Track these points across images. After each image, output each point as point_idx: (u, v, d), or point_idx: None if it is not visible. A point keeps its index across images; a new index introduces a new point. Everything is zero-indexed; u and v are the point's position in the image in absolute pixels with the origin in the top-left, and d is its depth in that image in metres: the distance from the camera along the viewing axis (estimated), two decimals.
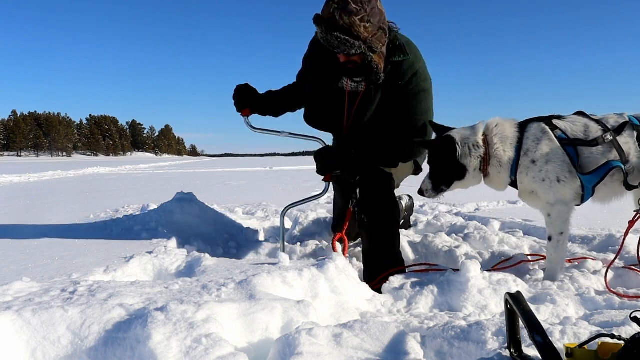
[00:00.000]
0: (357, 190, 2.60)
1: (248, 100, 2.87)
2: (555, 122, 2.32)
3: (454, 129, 2.45)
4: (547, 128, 2.30)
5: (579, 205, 2.35)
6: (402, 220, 3.53)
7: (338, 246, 2.52)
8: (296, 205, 2.94)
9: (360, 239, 3.04)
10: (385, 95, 2.56)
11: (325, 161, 2.66)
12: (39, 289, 1.61)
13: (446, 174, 2.44)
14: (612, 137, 2.22)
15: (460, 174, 2.40)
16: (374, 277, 2.42)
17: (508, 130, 2.37)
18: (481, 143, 2.36)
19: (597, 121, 2.30)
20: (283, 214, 2.90)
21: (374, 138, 2.61)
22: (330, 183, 2.87)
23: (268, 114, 2.99)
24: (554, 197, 2.28)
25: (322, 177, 2.77)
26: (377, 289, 2.24)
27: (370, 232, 2.56)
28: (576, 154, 2.24)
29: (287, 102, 2.98)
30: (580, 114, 2.40)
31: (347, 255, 2.56)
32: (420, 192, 2.51)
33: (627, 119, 2.30)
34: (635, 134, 2.26)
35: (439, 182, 2.46)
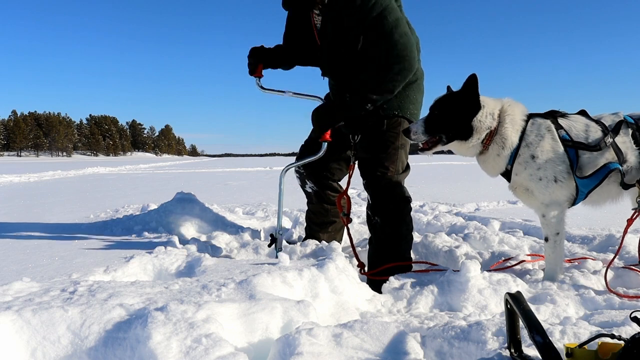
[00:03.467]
0: (369, 195, 2.62)
1: (261, 60, 2.87)
2: (561, 121, 2.31)
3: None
4: (553, 126, 2.28)
5: (569, 207, 2.35)
6: None
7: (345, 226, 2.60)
8: (294, 166, 2.85)
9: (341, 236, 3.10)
10: (344, 22, 2.49)
11: (322, 118, 2.58)
12: (39, 289, 1.61)
13: (453, 127, 2.30)
14: (612, 140, 2.21)
15: (466, 133, 2.29)
16: (376, 266, 2.47)
17: (518, 116, 2.32)
18: (496, 116, 2.29)
19: (596, 121, 2.30)
20: (282, 174, 2.81)
21: (355, 75, 2.53)
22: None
23: (280, 66, 2.94)
24: (549, 198, 2.27)
25: (320, 138, 2.67)
26: (377, 285, 2.25)
27: (381, 233, 2.59)
28: (576, 157, 2.23)
29: (296, 55, 2.93)
30: (582, 113, 2.39)
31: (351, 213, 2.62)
32: (406, 132, 2.36)
33: (622, 118, 2.29)
34: (630, 131, 2.26)
35: (439, 130, 2.31)
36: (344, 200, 2.72)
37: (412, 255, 2.96)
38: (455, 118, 2.29)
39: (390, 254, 2.55)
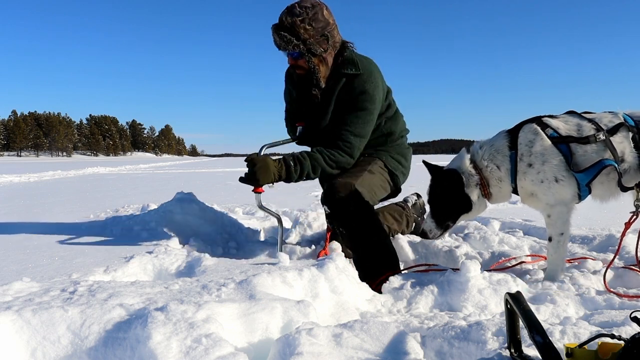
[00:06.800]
0: (325, 206, 2.55)
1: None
2: (546, 120, 2.33)
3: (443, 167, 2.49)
4: (539, 128, 2.30)
5: (577, 203, 2.36)
6: (414, 224, 3.44)
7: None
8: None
9: None
10: (337, 106, 2.68)
11: (248, 173, 2.48)
12: (39, 289, 1.61)
13: (453, 208, 2.42)
14: (604, 137, 2.22)
15: (467, 205, 2.40)
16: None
17: (496, 144, 2.38)
18: (473, 171, 2.38)
19: (590, 120, 2.30)
20: (281, 228, 2.72)
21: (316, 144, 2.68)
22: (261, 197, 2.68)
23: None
24: (554, 198, 2.28)
25: (252, 189, 2.53)
26: (377, 289, 2.24)
27: (350, 243, 2.56)
28: (569, 152, 2.24)
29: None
30: (571, 113, 2.40)
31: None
32: (424, 234, 2.45)
33: (622, 118, 2.29)
34: (630, 134, 2.26)
35: (445, 219, 2.43)
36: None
37: (412, 256, 2.96)
38: (450, 206, 2.42)
39: (375, 260, 2.48)
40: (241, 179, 2.50)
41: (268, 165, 2.41)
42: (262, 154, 2.54)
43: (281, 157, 2.52)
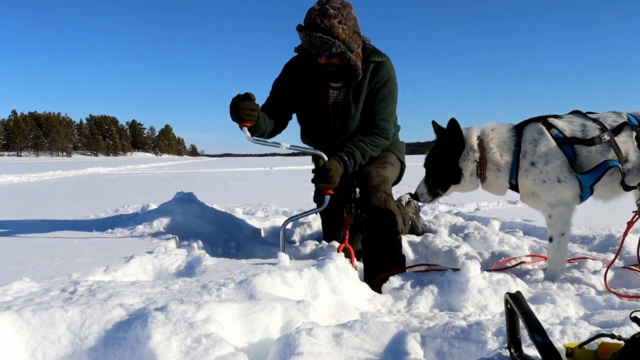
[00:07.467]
0: (356, 190, 2.64)
1: (251, 114, 2.67)
2: (552, 120, 2.32)
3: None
4: (544, 128, 2.29)
5: (578, 204, 2.35)
6: (410, 222, 3.47)
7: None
8: (297, 219, 2.88)
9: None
10: (368, 93, 2.77)
11: (324, 177, 2.60)
12: (39, 289, 1.61)
13: (443, 176, 2.44)
14: (609, 137, 2.21)
15: (456, 177, 2.40)
16: (373, 277, 2.42)
17: (505, 134, 2.37)
18: (476, 147, 2.36)
19: (595, 120, 2.30)
20: (283, 227, 2.82)
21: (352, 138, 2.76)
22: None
23: (262, 132, 2.88)
24: (555, 199, 2.28)
25: (322, 191, 2.70)
26: (377, 289, 2.24)
27: (370, 229, 2.58)
28: (573, 153, 2.24)
29: (275, 126, 2.93)
30: (576, 112, 2.40)
31: (355, 265, 2.54)
32: (415, 196, 2.52)
33: (626, 118, 2.29)
34: (634, 134, 2.26)
35: (436, 185, 2.47)
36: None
37: (412, 256, 2.97)
38: (441, 170, 2.44)
39: (386, 253, 2.54)
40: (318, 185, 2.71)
41: (329, 171, 2.59)
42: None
43: (336, 156, 2.63)
